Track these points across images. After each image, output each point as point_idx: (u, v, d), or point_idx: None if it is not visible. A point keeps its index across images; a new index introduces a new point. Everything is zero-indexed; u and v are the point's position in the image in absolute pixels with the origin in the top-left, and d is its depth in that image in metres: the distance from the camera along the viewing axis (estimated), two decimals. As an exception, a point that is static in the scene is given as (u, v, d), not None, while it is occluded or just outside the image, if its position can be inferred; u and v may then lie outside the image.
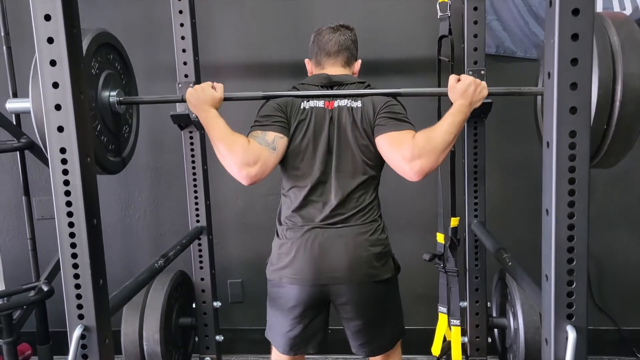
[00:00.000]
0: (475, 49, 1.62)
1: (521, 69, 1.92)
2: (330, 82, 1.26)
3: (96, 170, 1.08)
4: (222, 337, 1.83)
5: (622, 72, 0.99)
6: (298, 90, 1.26)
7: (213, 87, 1.22)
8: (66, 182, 0.85)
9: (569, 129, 0.76)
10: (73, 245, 0.86)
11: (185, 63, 1.69)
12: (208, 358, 1.81)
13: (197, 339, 1.82)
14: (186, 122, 1.65)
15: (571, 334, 0.77)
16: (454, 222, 1.63)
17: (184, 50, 1.68)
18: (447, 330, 1.62)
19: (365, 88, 1.26)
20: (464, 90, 1.16)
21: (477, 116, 1.61)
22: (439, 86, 1.63)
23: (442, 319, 1.62)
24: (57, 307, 0.90)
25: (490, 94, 1.19)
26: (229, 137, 1.15)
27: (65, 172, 0.85)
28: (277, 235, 1.27)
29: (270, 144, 1.17)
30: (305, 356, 1.35)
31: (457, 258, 1.60)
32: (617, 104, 0.99)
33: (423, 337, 1.75)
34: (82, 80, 0.87)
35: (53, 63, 0.83)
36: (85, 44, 1.13)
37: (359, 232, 1.20)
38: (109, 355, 0.92)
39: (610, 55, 1.00)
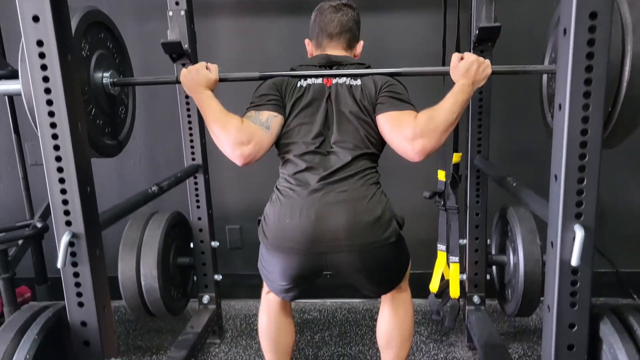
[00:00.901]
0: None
1: (531, 6, 1.83)
2: (330, 62, 1.27)
3: (91, 153, 1.05)
4: (221, 277, 1.83)
5: (631, 52, 0.92)
6: (296, 71, 1.25)
7: (207, 68, 1.20)
8: (45, 79, 0.79)
9: (589, 10, 0.69)
10: (57, 148, 0.82)
11: (175, -11, 1.59)
12: (207, 296, 1.81)
13: (195, 278, 1.82)
14: (179, 51, 1.56)
15: (579, 233, 0.74)
16: (456, 157, 1.58)
17: (173, -25, 1.58)
18: (446, 269, 1.60)
19: (365, 69, 1.25)
20: (467, 69, 1.12)
21: (484, 44, 1.53)
22: (445, 18, 1.55)
23: (441, 256, 1.61)
24: (55, 254, 0.86)
25: (494, 73, 1.14)
26: (223, 117, 1.14)
27: (44, 67, 0.79)
28: (271, 200, 1.21)
29: (264, 123, 1.16)
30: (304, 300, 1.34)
31: (457, 195, 1.57)
32: (625, 84, 0.93)
33: (421, 281, 1.75)
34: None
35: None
36: (73, 24, 1.05)
37: (359, 196, 1.15)
38: (99, 266, 0.90)
39: (621, 33, 0.93)
